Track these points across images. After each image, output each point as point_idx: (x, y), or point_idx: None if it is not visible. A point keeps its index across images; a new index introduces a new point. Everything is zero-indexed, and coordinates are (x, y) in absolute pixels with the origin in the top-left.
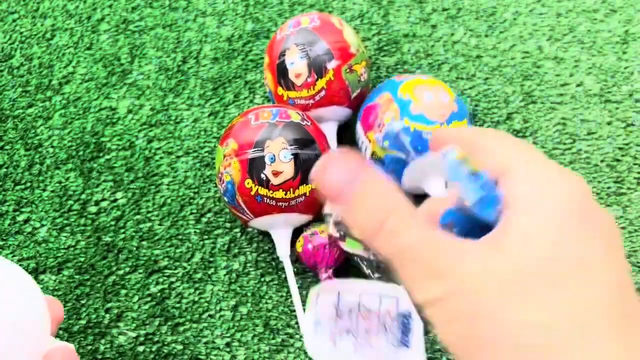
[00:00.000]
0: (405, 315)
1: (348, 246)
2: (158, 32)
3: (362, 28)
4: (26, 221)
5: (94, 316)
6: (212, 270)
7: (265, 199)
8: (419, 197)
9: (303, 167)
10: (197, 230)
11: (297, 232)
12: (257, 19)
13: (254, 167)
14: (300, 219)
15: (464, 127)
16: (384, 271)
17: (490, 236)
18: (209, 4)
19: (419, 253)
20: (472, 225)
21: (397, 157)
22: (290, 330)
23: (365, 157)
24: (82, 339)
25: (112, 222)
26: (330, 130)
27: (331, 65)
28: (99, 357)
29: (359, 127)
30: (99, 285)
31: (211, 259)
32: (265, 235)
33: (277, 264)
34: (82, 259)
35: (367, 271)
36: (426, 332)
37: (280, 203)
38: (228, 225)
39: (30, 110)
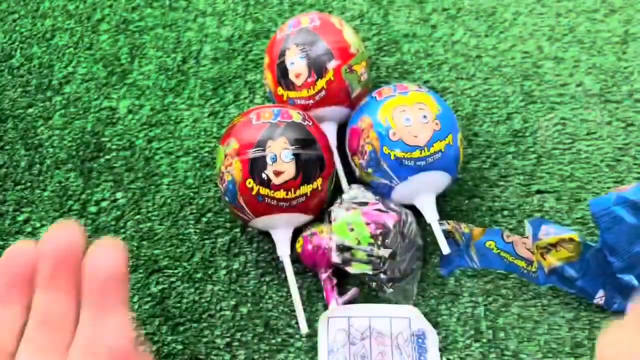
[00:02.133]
0: (419, 335)
1: (355, 269)
2: (158, 32)
3: (362, 28)
4: (26, 221)
5: None
6: (212, 270)
7: (266, 198)
8: (408, 206)
9: (304, 167)
10: (197, 230)
11: (297, 232)
12: (257, 19)
13: (255, 167)
14: (301, 219)
15: None
16: (396, 287)
17: None
18: (209, 4)
19: None
20: None
21: (382, 183)
22: (291, 330)
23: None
24: None
25: (112, 222)
26: (330, 130)
27: (331, 65)
28: None
29: (347, 147)
30: None
31: (211, 259)
32: (266, 235)
33: (277, 263)
34: None
35: (377, 288)
36: (441, 350)
37: (282, 203)
38: (228, 225)
39: (30, 110)
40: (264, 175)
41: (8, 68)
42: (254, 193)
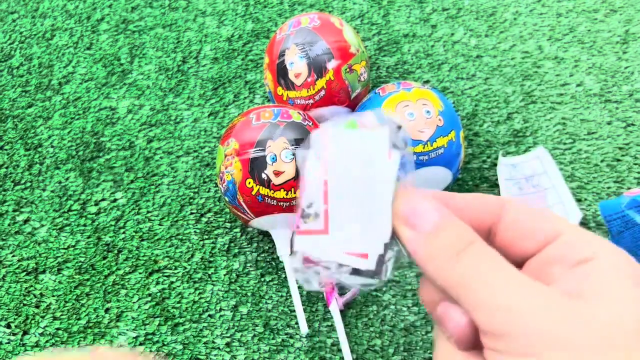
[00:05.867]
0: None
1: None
2: (158, 32)
3: (362, 28)
4: (26, 221)
5: (93, 316)
6: (212, 270)
7: (266, 198)
8: None
9: None
10: (197, 230)
11: None
12: (257, 19)
13: (255, 167)
14: None
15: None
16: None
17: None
18: (209, 3)
19: (490, 290)
20: None
21: None
22: (290, 330)
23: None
24: (81, 339)
25: (112, 222)
26: None
27: (331, 65)
28: None
29: None
30: (98, 285)
31: (211, 259)
32: (266, 235)
33: (277, 263)
34: (82, 259)
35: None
36: None
37: (282, 203)
38: (228, 225)
39: (30, 110)
40: (264, 175)
41: (8, 68)
42: (254, 193)
